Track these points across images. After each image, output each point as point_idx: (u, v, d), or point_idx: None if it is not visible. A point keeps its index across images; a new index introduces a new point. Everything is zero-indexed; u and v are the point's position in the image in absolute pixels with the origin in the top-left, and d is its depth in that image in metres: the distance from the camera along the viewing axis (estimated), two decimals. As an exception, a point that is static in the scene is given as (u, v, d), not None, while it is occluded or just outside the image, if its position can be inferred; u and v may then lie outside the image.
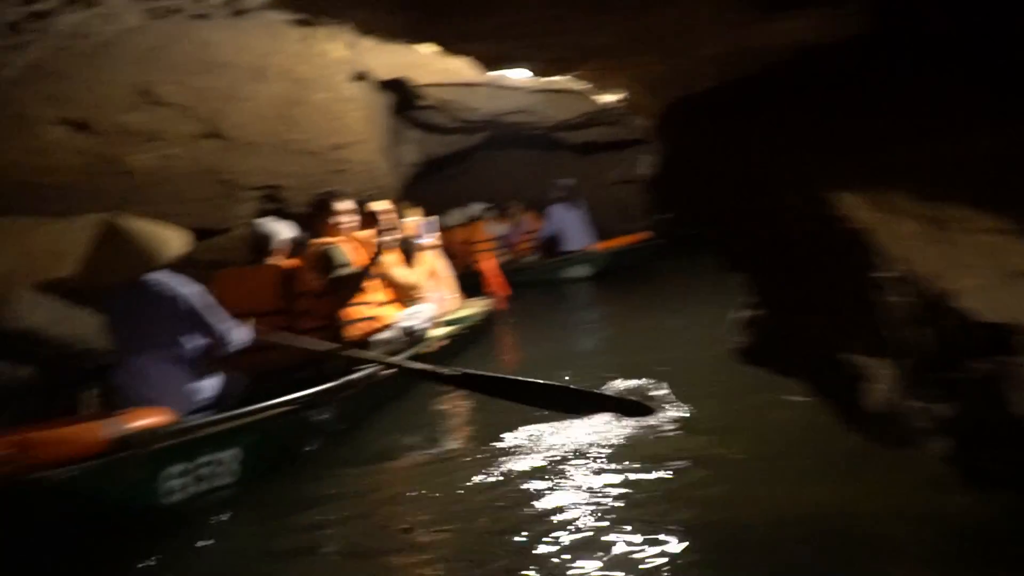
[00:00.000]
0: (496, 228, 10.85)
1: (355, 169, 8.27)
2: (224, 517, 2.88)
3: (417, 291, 4.90)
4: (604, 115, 10.07)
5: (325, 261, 4.05)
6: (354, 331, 4.14)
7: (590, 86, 5.31)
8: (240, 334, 3.46)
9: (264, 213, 9.09)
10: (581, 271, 10.55)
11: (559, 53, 2.31)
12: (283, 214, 9.20)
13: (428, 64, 6.72)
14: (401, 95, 8.72)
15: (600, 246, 10.73)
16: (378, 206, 4.67)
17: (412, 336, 4.40)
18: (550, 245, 10.86)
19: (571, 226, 10.99)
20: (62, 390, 4.15)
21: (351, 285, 4.09)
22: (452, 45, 2.41)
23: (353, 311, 4.16)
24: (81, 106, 5.98)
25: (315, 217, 4.42)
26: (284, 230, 4.39)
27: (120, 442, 2.55)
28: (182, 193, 7.75)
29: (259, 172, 7.76)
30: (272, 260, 4.23)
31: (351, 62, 6.39)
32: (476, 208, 10.63)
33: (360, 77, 6.79)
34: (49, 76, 5.60)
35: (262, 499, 3.03)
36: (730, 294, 2.30)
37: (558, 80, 7.52)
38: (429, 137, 11.30)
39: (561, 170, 15.86)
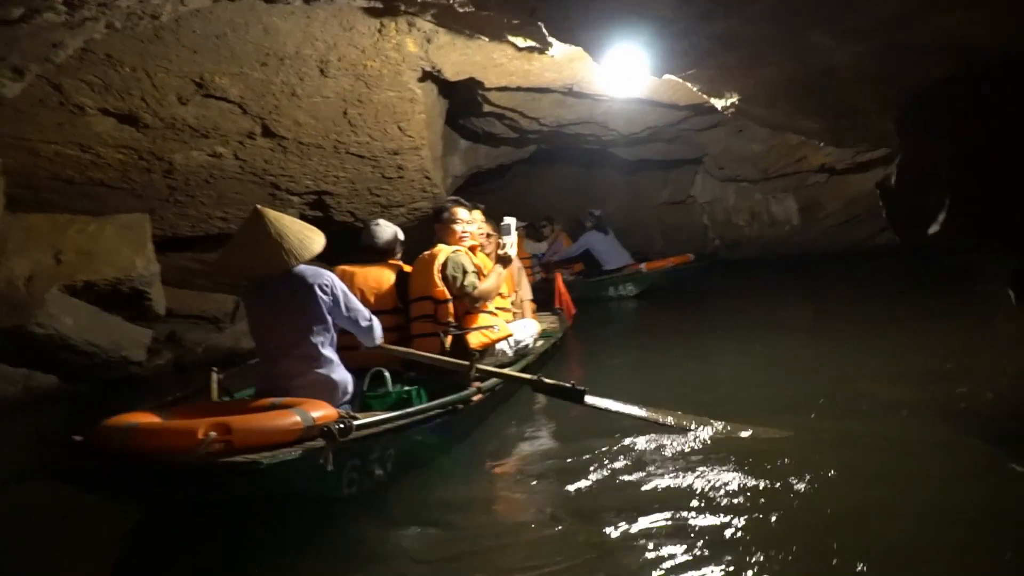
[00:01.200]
0: (532, 247, 11.05)
1: (409, 177, 7.84)
2: (366, 515, 3.00)
3: (513, 301, 5.03)
4: (666, 131, 9.64)
5: (455, 268, 4.16)
6: (474, 339, 4.19)
7: (696, 88, 4.89)
8: (379, 329, 3.63)
9: (305, 221, 8.71)
10: (627, 290, 11.06)
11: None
12: (328, 223, 8.81)
13: (502, 65, 6.28)
14: (462, 99, 8.30)
15: (647, 266, 11.14)
16: (476, 215, 4.78)
17: (522, 350, 4.57)
18: (589, 265, 11.17)
19: (607, 248, 11.42)
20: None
21: (483, 293, 4.21)
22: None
23: (471, 319, 4.23)
24: (131, 97, 5.58)
25: (435, 224, 4.56)
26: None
27: (315, 432, 2.68)
28: (225, 195, 7.35)
29: (309, 176, 7.35)
30: (393, 261, 4.42)
31: (424, 59, 5.95)
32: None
33: (429, 76, 6.36)
34: (100, 62, 5.20)
35: (396, 499, 3.14)
36: (772, 317, 3.07)
37: (640, 88, 7.10)
38: (477, 148, 10.93)
39: (603, 189, 15.56)
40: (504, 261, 4.46)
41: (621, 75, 6.38)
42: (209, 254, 8.56)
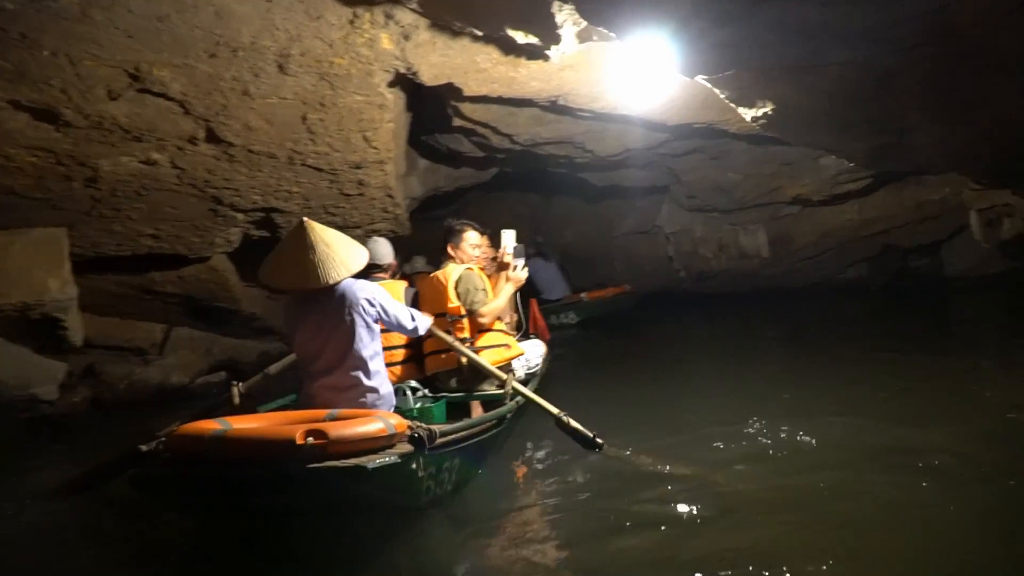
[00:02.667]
0: None
1: (370, 195, 7.13)
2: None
3: (507, 322, 4.99)
4: (642, 155, 9.17)
5: (469, 284, 4.26)
6: (490, 356, 4.22)
7: (723, 95, 4.35)
8: (424, 321, 3.80)
9: (251, 241, 7.89)
10: (568, 318, 11.71)
11: None
12: (274, 244, 7.99)
13: (485, 71, 5.67)
14: (429, 112, 7.65)
15: (588, 296, 11.82)
16: (484, 239, 4.82)
17: (532, 370, 4.68)
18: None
19: (548, 277, 12.02)
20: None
21: (492, 312, 4.28)
22: None
23: (481, 336, 4.29)
24: (50, 88, 4.74)
25: (447, 243, 4.65)
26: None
27: (396, 439, 2.82)
28: (159, 210, 6.50)
29: (258, 190, 6.56)
30: (400, 278, 4.60)
31: (400, 59, 5.29)
32: (419, 260, 11.24)
33: (403, 79, 5.70)
34: (12, 43, 4.37)
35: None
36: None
37: (646, 97, 6.55)
38: (437, 169, 10.27)
39: (563, 217, 15.09)
40: (515, 282, 4.51)
41: (638, 79, 5.89)
42: (137, 277, 7.63)
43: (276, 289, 3.75)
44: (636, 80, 5.93)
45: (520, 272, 4.53)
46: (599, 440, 3.69)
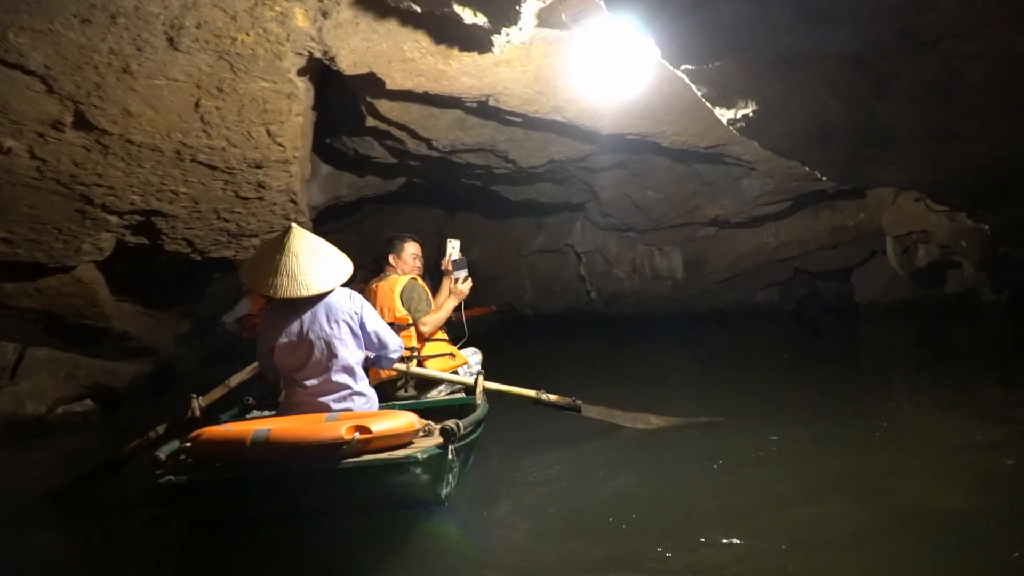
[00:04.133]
0: None
1: (271, 199, 6.35)
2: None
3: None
4: (565, 167, 8.78)
5: (413, 295, 4.34)
6: (435, 365, 4.41)
7: (701, 92, 3.91)
8: (401, 346, 3.81)
9: (127, 250, 6.92)
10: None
11: None
12: (154, 253, 7.04)
13: (412, 61, 5.08)
14: (337, 110, 6.96)
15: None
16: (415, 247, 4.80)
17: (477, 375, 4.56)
18: None
19: None
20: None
21: (433, 324, 4.37)
22: None
23: (427, 346, 4.40)
24: None
25: (388, 254, 4.72)
26: None
27: (420, 434, 3.08)
28: (13, 208, 5.53)
29: (137, 189, 5.69)
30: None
31: (315, 40, 4.62)
32: None
33: (317, 65, 5.03)
34: None
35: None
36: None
37: (568, 108, 6.12)
38: (340, 176, 9.56)
39: (468, 234, 14.49)
40: (457, 295, 4.50)
41: (584, 77, 5.50)
42: (-19, 288, 6.54)
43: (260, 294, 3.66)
44: (582, 78, 5.49)
45: (463, 285, 4.51)
46: (578, 402, 4.49)
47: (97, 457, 4.41)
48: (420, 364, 4.35)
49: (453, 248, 4.55)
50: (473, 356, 4.79)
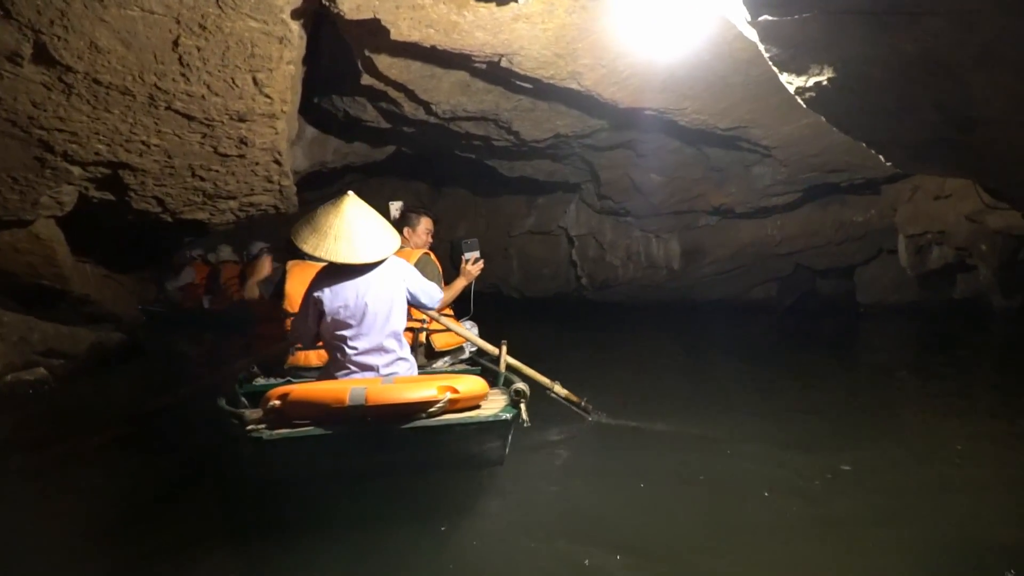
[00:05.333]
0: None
1: (253, 157, 5.82)
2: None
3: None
4: (569, 143, 8.30)
5: (426, 270, 4.30)
6: (441, 340, 4.65)
7: (769, 53, 3.44)
8: (440, 293, 3.96)
9: (90, 206, 6.33)
10: None
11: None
12: (119, 210, 6.45)
13: (422, 8, 4.56)
14: (327, 66, 6.40)
15: None
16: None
17: (475, 352, 4.82)
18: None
19: None
20: None
21: (444, 302, 4.46)
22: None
23: (438, 321, 4.49)
24: None
25: (403, 228, 4.75)
26: None
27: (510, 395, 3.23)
28: (-41, 152, 4.95)
29: (103, 137, 5.13)
30: None
31: (316, -28, 4.10)
32: (257, 245, 10.74)
33: (313, 8, 4.50)
34: None
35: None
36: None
37: (587, 75, 5.64)
38: (326, 140, 9.00)
39: (454, 211, 14.01)
40: (467, 275, 4.65)
41: (615, 35, 5.00)
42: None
43: (308, 257, 3.68)
44: (608, 41, 5.02)
45: (474, 266, 4.67)
46: (587, 406, 4.71)
47: (42, 433, 4.17)
48: (428, 337, 4.58)
49: (474, 240, 4.78)
50: (472, 329, 4.96)
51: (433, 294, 3.79)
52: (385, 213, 4.36)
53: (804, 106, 3.55)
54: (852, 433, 4.46)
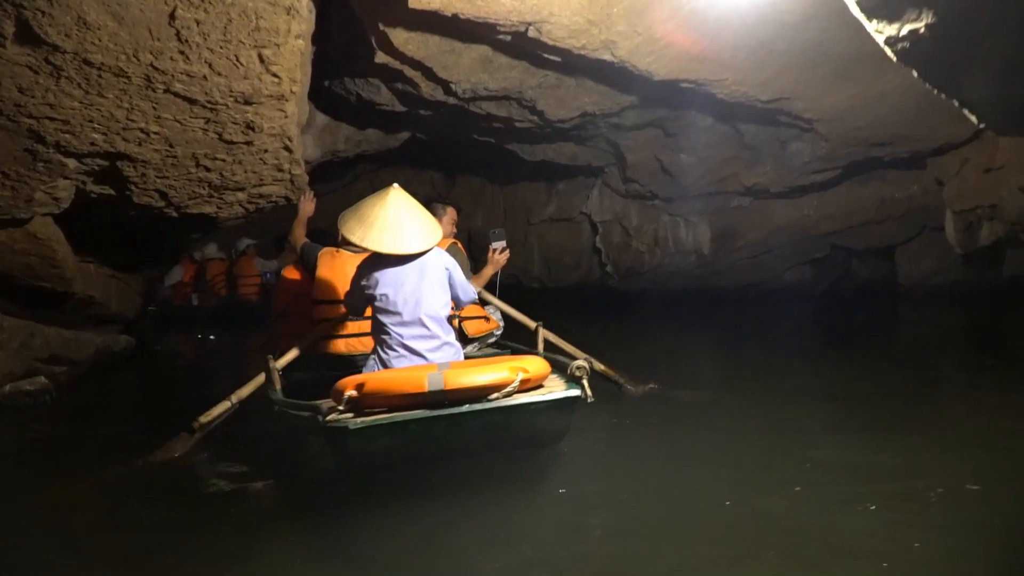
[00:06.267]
0: (262, 264, 11.38)
1: (261, 144, 5.40)
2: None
3: None
4: (596, 123, 7.85)
5: (458, 260, 4.14)
6: (476, 326, 4.90)
7: None
8: (476, 293, 4.19)
9: (89, 202, 5.94)
10: None
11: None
12: (120, 206, 6.06)
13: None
14: (335, 46, 5.97)
15: None
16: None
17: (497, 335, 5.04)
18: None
19: None
20: None
21: (476, 287, 4.53)
22: None
23: (468, 309, 4.69)
24: None
25: None
26: None
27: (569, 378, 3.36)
28: (-57, 145, 4.56)
29: (98, 125, 4.72)
30: None
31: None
32: (244, 243, 11.50)
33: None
34: None
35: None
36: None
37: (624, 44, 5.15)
38: (338, 128, 8.58)
39: (470, 200, 13.52)
40: (495, 264, 4.84)
41: None
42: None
43: (356, 247, 3.82)
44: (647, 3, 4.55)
45: (501, 255, 4.85)
46: (620, 380, 4.98)
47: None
48: (460, 323, 4.65)
49: (501, 230, 5.02)
50: (495, 314, 5.15)
51: (469, 292, 3.95)
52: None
53: (895, 60, 3.09)
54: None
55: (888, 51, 3.01)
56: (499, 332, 5.08)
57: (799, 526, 2.77)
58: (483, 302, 5.09)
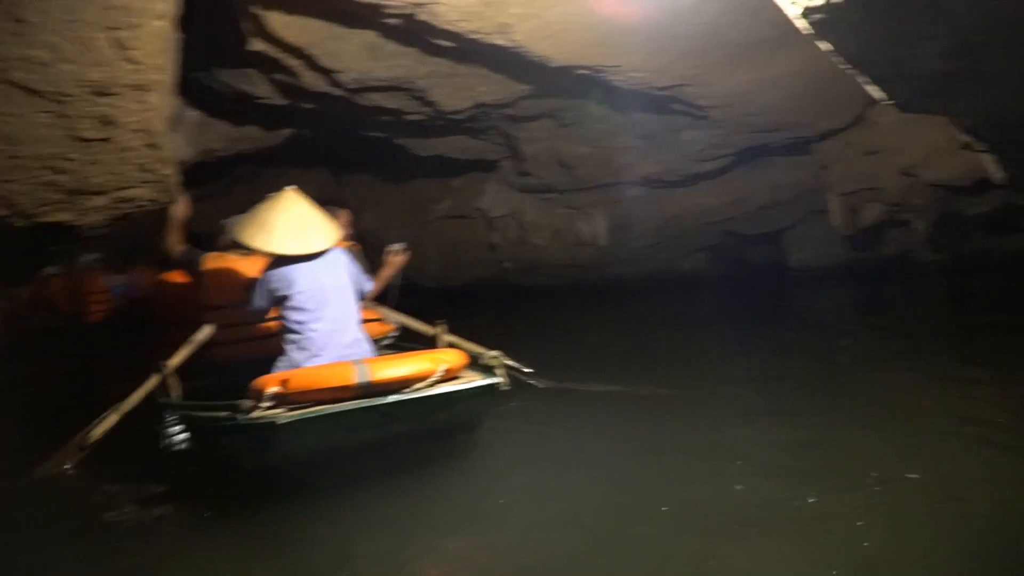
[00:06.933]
0: (113, 280, 10.54)
1: (122, 142, 4.83)
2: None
3: None
4: (489, 114, 7.58)
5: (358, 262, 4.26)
6: (375, 329, 4.59)
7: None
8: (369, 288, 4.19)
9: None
10: None
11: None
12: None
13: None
14: (207, 30, 5.43)
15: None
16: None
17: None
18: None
19: None
20: None
21: (375, 289, 4.46)
22: None
23: (365, 312, 4.38)
24: None
25: None
26: None
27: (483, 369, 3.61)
28: None
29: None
30: None
31: None
32: (89, 257, 10.58)
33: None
34: None
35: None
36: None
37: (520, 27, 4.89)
38: (210, 125, 7.95)
39: (361, 199, 13.02)
40: (393, 265, 4.81)
41: None
42: None
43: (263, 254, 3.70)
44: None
45: (397, 257, 4.84)
46: (527, 370, 5.09)
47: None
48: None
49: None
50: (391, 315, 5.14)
51: (365, 287, 4.02)
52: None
53: (812, 31, 2.92)
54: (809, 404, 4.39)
55: (805, 22, 2.85)
56: (395, 334, 5.10)
57: (709, 506, 2.90)
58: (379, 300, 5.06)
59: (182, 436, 3.83)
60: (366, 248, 9.66)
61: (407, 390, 3.14)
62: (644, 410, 4.44)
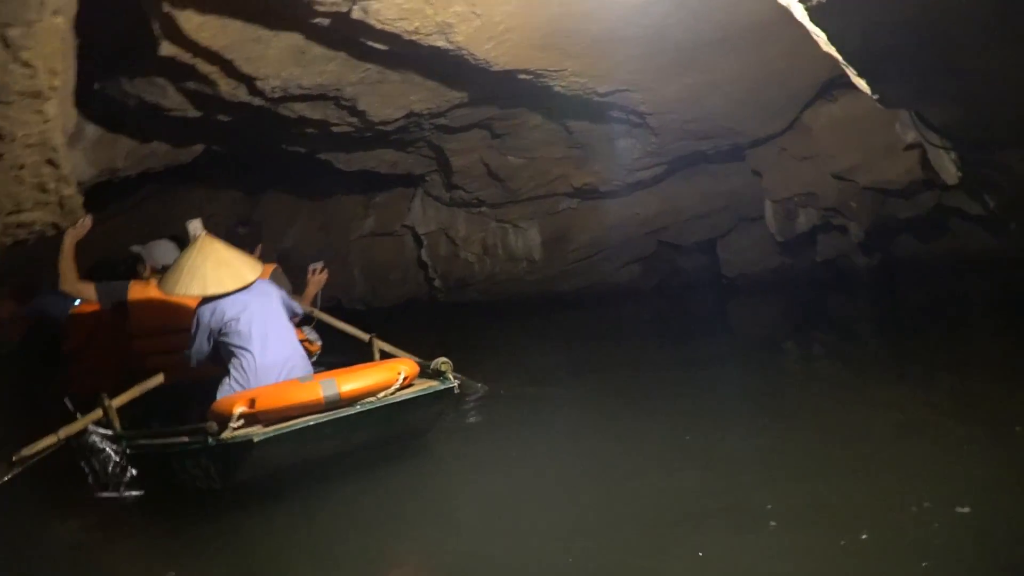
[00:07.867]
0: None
1: (15, 158, 4.24)
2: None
3: None
4: (421, 125, 7.23)
5: (282, 283, 4.70)
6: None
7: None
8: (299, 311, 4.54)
9: None
10: None
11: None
12: None
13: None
14: (110, 33, 4.90)
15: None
16: None
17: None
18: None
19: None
20: None
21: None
22: None
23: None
24: None
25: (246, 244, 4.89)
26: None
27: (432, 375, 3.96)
28: None
29: None
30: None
31: None
32: None
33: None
34: None
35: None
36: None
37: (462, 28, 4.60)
38: (113, 141, 7.33)
39: (278, 219, 12.44)
40: (315, 284, 5.23)
41: None
42: None
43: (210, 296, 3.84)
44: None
45: (319, 276, 5.22)
46: (463, 379, 4.95)
47: None
48: None
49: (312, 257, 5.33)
50: (311, 334, 5.24)
51: (297, 308, 4.33)
52: (184, 234, 4.33)
53: (807, 17, 2.71)
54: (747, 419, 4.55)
55: (801, 8, 2.63)
56: (319, 354, 5.25)
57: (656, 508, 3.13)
58: (309, 320, 5.26)
59: (128, 466, 3.98)
60: (286, 268, 9.15)
61: (371, 399, 3.46)
62: (586, 415, 4.92)
